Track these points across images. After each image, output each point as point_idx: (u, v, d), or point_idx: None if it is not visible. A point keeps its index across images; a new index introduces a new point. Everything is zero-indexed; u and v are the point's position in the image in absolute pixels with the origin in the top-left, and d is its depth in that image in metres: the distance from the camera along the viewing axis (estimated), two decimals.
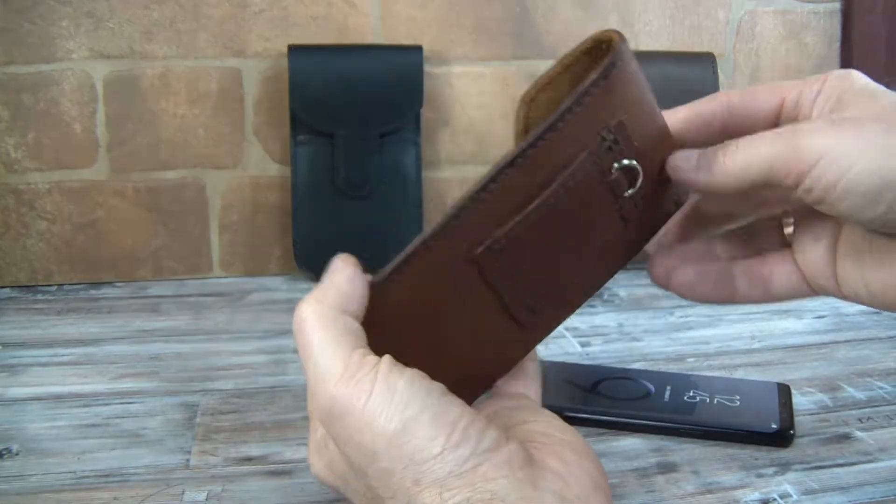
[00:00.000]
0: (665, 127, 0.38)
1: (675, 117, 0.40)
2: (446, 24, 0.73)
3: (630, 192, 0.35)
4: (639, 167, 0.35)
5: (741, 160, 0.35)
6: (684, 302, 0.66)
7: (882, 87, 0.36)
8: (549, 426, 0.35)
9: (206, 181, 0.71)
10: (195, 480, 0.42)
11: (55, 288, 0.70)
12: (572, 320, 0.62)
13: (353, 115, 0.68)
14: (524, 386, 0.40)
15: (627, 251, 0.38)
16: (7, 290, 0.69)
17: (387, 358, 0.32)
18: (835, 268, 0.38)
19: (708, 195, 0.41)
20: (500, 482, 0.30)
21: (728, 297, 0.41)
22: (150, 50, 0.68)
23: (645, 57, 0.75)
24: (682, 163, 0.37)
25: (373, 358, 0.32)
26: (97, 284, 0.70)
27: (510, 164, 0.32)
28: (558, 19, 0.75)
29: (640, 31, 0.77)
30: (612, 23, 0.76)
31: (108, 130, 0.69)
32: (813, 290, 0.40)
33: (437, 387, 0.32)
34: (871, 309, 0.64)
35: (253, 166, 0.72)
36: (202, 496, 0.40)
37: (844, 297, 0.39)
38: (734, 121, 0.39)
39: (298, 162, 0.70)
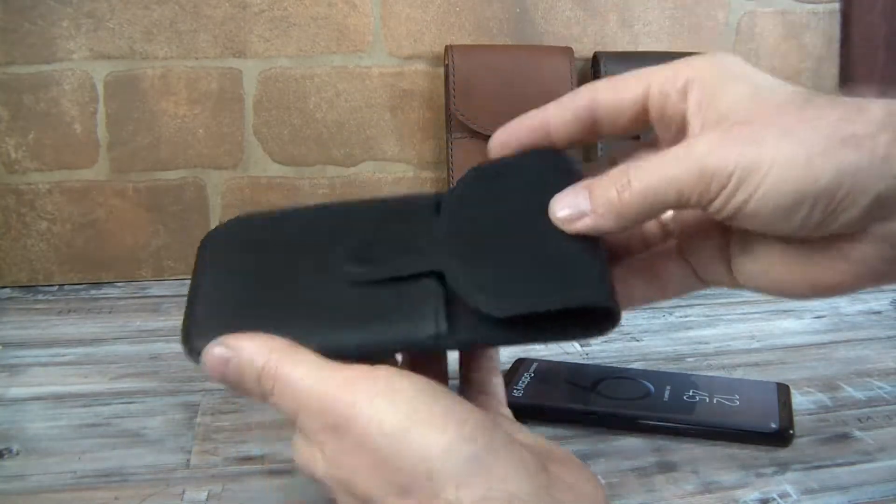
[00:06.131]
0: None
1: (546, 114, 0.36)
2: (446, 25, 0.73)
3: None
4: None
5: (639, 196, 0.32)
6: (683, 302, 0.66)
7: (755, 72, 0.33)
8: (543, 440, 0.34)
9: (206, 181, 0.71)
10: (196, 480, 0.42)
11: (55, 288, 0.70)
12: None
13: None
14: (496, 403, 0.38)
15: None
16: (7, 290, 0.69)
17: (385, 366, 0.31)
18: (729, 264, 0.36)
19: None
20: (516, 484, 0.29)
21: (627, 301, 0.37)
22: (150, 50, 0.68)
23: (645, 57, 0.75)
24: (568, 210, 0.33)
25: (369, 367, 0.31)
26: (97, 284, 0.71)
27: None
28: (558, 19, 0.75)
29: (640, 32, 0.77)
30: (611, 23, 0.76)
31: (109, 130, 0.69)
32: (705, 284, 0.37)
33: (442, 388, 0.31)
34: (870, 309, 0.64)
35: (253, 166, 0.72)
36: (202, 496, 0.40)
37: (740, 288, 0.36)
38: (601, 114, 0.36)
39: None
